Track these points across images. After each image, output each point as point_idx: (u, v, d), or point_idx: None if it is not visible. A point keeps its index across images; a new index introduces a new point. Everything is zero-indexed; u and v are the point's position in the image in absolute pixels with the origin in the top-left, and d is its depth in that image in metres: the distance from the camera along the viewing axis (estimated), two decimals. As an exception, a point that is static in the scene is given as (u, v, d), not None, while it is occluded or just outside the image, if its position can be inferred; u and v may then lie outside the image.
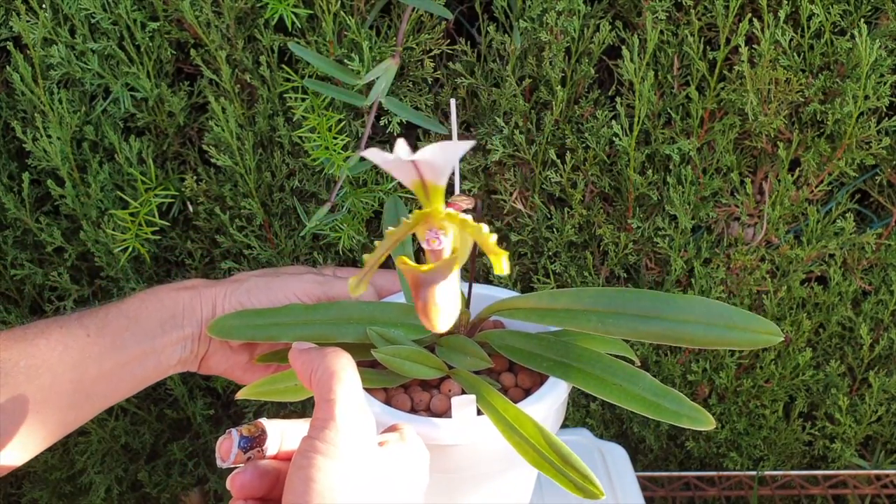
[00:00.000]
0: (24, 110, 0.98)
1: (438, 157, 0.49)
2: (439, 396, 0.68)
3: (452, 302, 0.56)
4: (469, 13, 0.97)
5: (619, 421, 1.11)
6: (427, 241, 0.56)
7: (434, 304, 0.55)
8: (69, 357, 0.68)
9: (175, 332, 0.74)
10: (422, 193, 0.54)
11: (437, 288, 0.55)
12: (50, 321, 0.70)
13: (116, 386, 0.72)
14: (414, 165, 0.51)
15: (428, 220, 0.56)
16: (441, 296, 0.55)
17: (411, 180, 0.53)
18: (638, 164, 0.93)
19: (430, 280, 0.55)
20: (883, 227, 0.98)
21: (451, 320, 0.57)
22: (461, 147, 0.49)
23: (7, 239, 1.03)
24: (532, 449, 0.59)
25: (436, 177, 0.53)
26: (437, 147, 0.48)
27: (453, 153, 0.50)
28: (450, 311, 0.56)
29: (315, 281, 0.79)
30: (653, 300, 0.66)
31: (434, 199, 0.55)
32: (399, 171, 0.52)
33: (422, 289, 0.55)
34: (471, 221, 0.56)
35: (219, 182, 1.00)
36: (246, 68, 0.94)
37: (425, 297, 0.55)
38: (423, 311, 0.56)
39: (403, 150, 0.47)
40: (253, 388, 0.67)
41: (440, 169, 0.51)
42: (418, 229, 0.58)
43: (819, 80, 0.88)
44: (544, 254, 0.99)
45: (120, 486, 1.14)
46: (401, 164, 0.50)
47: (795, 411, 1.07)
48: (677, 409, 0.62)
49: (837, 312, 1.01)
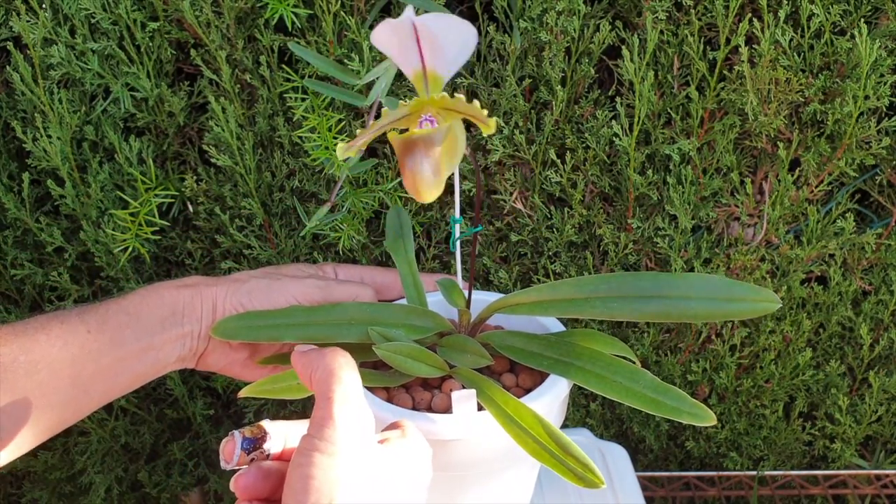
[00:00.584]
0: (24, 110, 0.98)
1: (438, 22, 0.51)
2: (440, 395, 0.68)
3: (439, 171, 0.57)
4: (469, 13, 0.98)
5: (619, 421, 1.11)
6: (420, 125, 0.58)
7: (421, 165, 0.56)
8: (68, 353, 0.68)
9: (175, 329, 0.74)
10: (422, 85, 0.56)
11: (428, 152, 0.56)
12: (50, 316, 0.71)
13: (115, 382, 0.72)
14: (416, 40, 0.52)
15: (423, 109, 0.58)
16: (429, 162, 0.56)
17: (413, 68, 0.55)
18: (638, 164, 0.93)
19: (422, 141, 0.56)
20: (883, 227, 0.98)
21: (437, 190, 0.57)
22: (458, 21, 0.51)
23: (7, 239, 1.03)
24: (532, 440, 0.59)
25: (435, 57, 0.54)
26: (437, 14, 0.50)
27: (452, 23, 0.51)
28: (436, 178, 0.57)
29: (316, 286, 0.79)
30: (653, 281, 0.67)
31: (432, 90, 0.56)
32: (402, 53, 0.54)
33: (411, 152, 0.56)
34: (463, 98, 0.57)
35: (219, 182, 1.00)
36: (246, 68, 0.94)
37: (413, 160, 0.56)
38: (409, 179, 0.56)
39: (409, 11, 0.50)
40: (254, 387, 0.67)
41: (439, 40, 0.52)
42: (412, 120, 0.59)
43: (819, 80, 0.88)
44: (544, 254, 0.99)
45: (120, 486, 1.14)
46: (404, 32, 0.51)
47: (795, 411, 1.07)
48: (678, 405, 0.62)
49: (837, 312, 1.01)
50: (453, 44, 0.53)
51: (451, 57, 0.54)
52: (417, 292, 0.78)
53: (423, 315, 0.75)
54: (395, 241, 0.81)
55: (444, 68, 0.55)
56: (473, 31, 0.51)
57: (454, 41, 0.53)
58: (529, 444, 0.59)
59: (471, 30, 0.51)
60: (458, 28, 0.52)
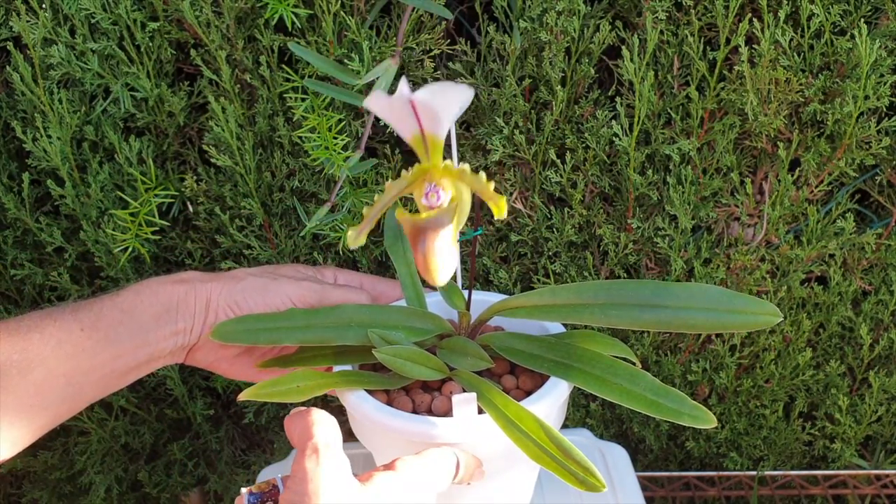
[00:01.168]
0: (24, 110, 0.98)
1: (436, 97, 0.50)
2: (440, 398, 0.68)
3: (451, 252, 0.57)
4: (469, 13, 0.97)
5: (620, 421, 1.11)
6: (426, 197, 0.57)
7: (433, 252, 0.55)
8: (62, 351, 0.68)
9: (169, 326, 0.74)
10: (421, 149, 0.55)
11: (437, 236, 0.55)
12: (44, 314, 0.70)
13: (109, 378, 0.72)
14: (413, 111, 0.52)
15: (427, 175, 0.57)
16: (440, 244, 0.55)
17: (411, 133, 0.54)
18: (638, 164, 0.93)
19: (430, 227, 0.55)
20: (883, 227, 0.98)
21: (450, 271, 0.57)
22: (456, 89, 0.50)
23: (7, 239, 1.03)
24: (532, 443, 0.59)
25: (434, 125, 0.53)
26: (433, 87, 0.49)
27: (450, 94, 0.51)
28: (449, 261, 0.56)
29: (312, 288, 0.79)
30: (653, 290, 0.67)
31: (433, 155, 0.56)
32: (399, 120, 0.53)
33: (421, 237, 0.55)
34: (468, 170, 0.57)
35: (219, 182, 1.00)
36: (246, 68, 0.94)
37: (424, 246, 0.55)
38: (422, 262, 0.56)
39: (405, 87, 0.49)
40: (255, 389, 0.67)
41: (438, 112, 0.52)
42: (416, 187, 0.58)
43: (819, 80, 0.88)
44: (544, 254, 0.99)
45: (120, 486, 1.14)
46: (401, 105, 0.51)
47: (795, 411, 1.07)
48: (678, 407, 0.62)
49: (837, 312, 1.01)
50: (452, 110, 0.52)
51: (449, 121, 0.53)
52: (417, 294, 0.78)
53: (423, 317, 0.75)
54: (395, 242, 0.81)
55: (443, 132, 0.54)
56: (470, 94, 0.50)
57: (452, 108, 0.52)
58: (530, 447, 0.59)
59: (467, 93, 0.50)
60: (456, 96, 0.51)
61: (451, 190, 0.57)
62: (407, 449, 0.67)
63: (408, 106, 0.52)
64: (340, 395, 0.69)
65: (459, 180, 0.58)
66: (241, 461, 1.19)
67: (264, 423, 1.15)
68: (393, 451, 0.69)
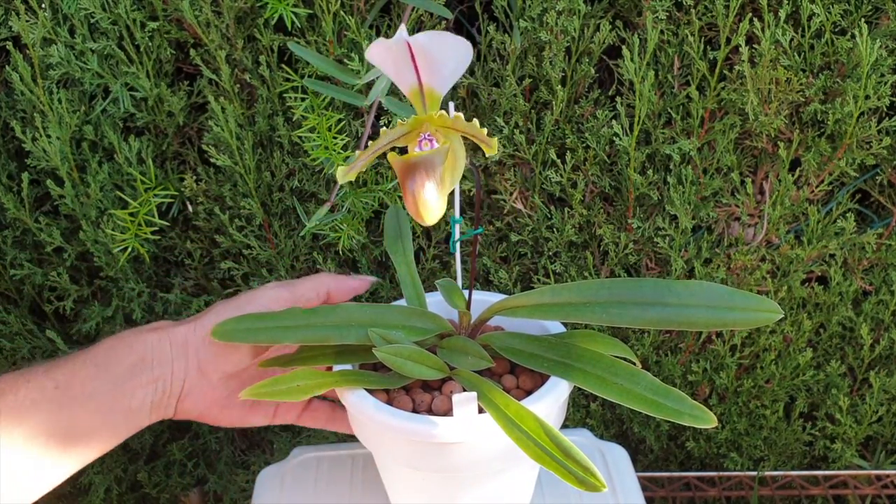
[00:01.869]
0: (24, 110, 0.98)
1: (433, 41, 0.51)
2: (441, 398, 0.68)
3: (441, 193, 0.57)
4: (469, 13, 0.97)
5: (620, 421, 1.11)
6: (419, 145, 0.58)
7: (422, 188, 0.56)
8: (39, 412, 0.66)
9: (144, 374, 0.71)
10: (419, 102, 0.56)
11: (428, 175, 0.56)
12: (17, 375, 0.68)
13: (90, 438, 0.70)
14: (411, 59, 0.52)
15: (422, 126, 0.58)
16: (431, 184, 0.56)
17: (410, 85, 0.55)
18: (638, 163, 0.93)
19: (421, 164, 0.56)
20: (883, 226, 0.98)
21: (439, 212, 0.57)
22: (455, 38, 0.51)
23: (6, 239, 1.03)
24: (533, 443, 0.59)
25: (431, 74, 0.54)
26: (431, 33, 0.50)
27: (448, 41, 0.51)
28: (438, 201, 0.57)
29: (280, 285, 0.77)
30: (654, 288, 0.66)
31: (430, 107, 0.57)
32: (398, 70, 0.54)
33: (411, 176, 0.56)
34: (462, 117, 0.57)
35: (218, 182, 1.00)
36: (245, 68, 0.94)
37: (414, 183, 0.56)
38: (411, 201, 0.56)
39: (403, 32, 0.50)
40: (255, 388, 0.67)
41: (435, 59, 0.52)
42: (411, 138, 0.59)
43: (819, 79, 0.88)
44: (544, 254, 0.99)
45: (119, 487, 1.14)
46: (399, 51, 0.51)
47: (796, 411, 1.07)
48: (678, 407, 0.62)
49: (838, 312, 1.01)
50: (449, 60, 0.53)
51: (447, 73, 0.54)
52: (417, 293, 0.78)
53: (423, 316, 0.75)
54: (394, 241, 0.81)
55: (440, 85, 0.55)
56: (469, 47, 0.51)
57: (450, 58, 0.53)
58: (530, 447, 0.59)
59: (466, 46, 0.51)
60: (454, 45, 0.51)
61: (444, 141, 0.58)
62: (407, 448, 0.67)
63: (406, 52, 0.52)
64: (341, 395, 0.69)
65: (454, 128, 0.58)
66: (241, 461, 1.18)
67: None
68: (393, 451, 0.69)
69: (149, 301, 1.06)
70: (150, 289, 1.06)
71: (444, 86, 0.55)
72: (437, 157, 0.56)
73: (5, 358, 1.06)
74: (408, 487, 0.73)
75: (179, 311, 1.06)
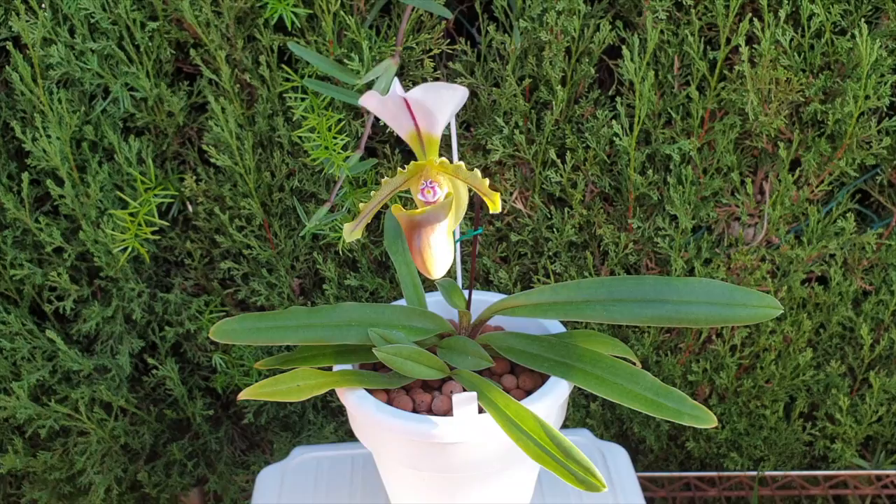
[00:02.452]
0: (24, 110, 0.98)
1: (429, 95, 0.51)
2: (441, 398, 0.68)
3: (447, 246, 0.58)
4: (469, 13, 0.97)
5: (620, 421, 1.11)
6: (422, 193, 0.58)
7: (429, 245, 0.57)
8: None
9: None
10: (418, 146, 0.57)
11: (433, 231, 0.57)
12: None
13: None
14: (408, 110, 0.53)
15: (423, 172, 0.58)
16: (436, 238, 0.57)
17: (407, 131, 0.55)
18: (638, 164, 0.93)
19: (426, 222, 0.57)
20: (883, 226, 0.98)
21: (446, 265, 0.58)
22: (449, 88, 0.51)
23: (6, 239, 1.03)
24: (533, 443, 0.59)
25: (429, 124, 0.54)
26: (427, 86, 0.50)
27: (444, 93, 0.51)
28: (445, 254, 0.58)
29: None
30: (654, 285, 0.67)
31: (430, 152, 0.57)
32: (395, 119, 0.54)
33: (417, 232, 0.57)
34: (464, 167, 0.58)
35: (218, 182, 1.00)
36: (245, 68, 0.94)
37: (420, 241, 0.57)
38: (418, 257, 0.57)
39: (398, 87, 0.51)
40: (255, 388, 0.67)
41: (432, 111, 0.53)
42: (412, 183, 0.59)
43: (819, 79, 0.88)
44: (544, 254, 0.99)
45: (119, 487, 1.14)
46: (395, 105, 0.52)
47: (796, 411, 1.07)
48: (678, 407, 0.62)
49: (838, 312, 1.01)
50: (446, 108, 0.53)
51: (444, 120, 0.54)
52: (417, 293, 0.78)
53: (424, 316, 0.75)
54: (394, 241, 0.81)
55: (438, 130, 0.55)
56: (464, 92, 0.51)
57: (446, 104, 0.53)
58: (531, 447, 0.59)
59: (462, 93, 0.51)
60: (449, 94, 0.51)
61: (447, 186, 0.58)
62: (407, 448, 0.67)
63: (402, 105, 0.52)
64: (341, 395, 0.69)
65: (455, 176, 0.58)
66: (241, 461, 1.19)
67: (264, 424, 1.14)
68: (393, 451, 0.69)
69: (149, 301, 1.06)
70: (151, 289, 1.06)
71: (441, 129, 0.56)
72: (441, 211, 0.57)
73: (5, 358, 1.06)
74: (408, 487, 0.73)
75: (179, 312, 1.06)
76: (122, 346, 1.07)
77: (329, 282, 1.03)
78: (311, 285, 1.07)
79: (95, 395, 1.07)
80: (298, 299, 1.07)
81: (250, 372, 1.06)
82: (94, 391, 1.07)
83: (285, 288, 1.05)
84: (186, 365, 1.13)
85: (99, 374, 1.08)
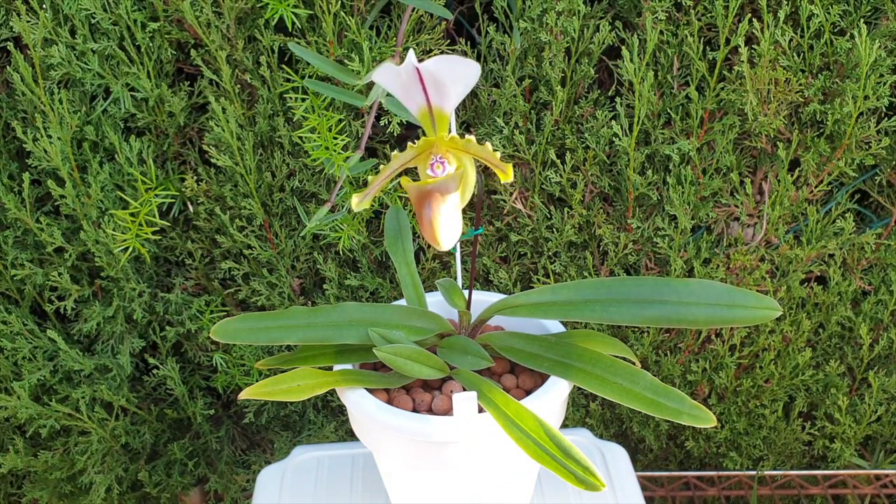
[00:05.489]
0: (25, 110, 0.98)
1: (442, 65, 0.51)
2: (441, 397, 0.68)
3: (456, 217, 0.57)
4: (469, 13, 0.98)
5: (619, 421, 1.11)
6: (431, 168, 0.58)
7: (439, 214, 0.56)
8: None
9: None
10: (428, 122, 0.56)
11: (443, 201, 0.56)
12: None
13: None
14: (420, 82, 0.53)
15: (432, 148, 0.58)
16: (446, 208, 0.57)
17: (419, 106, 0.55)
18: (638, 164, 0.93)
19: (436, 190, 0.56)
20: (882, 227, 0.98)
21: (455, 236, 0.58)
22: (462, 61, 0.51)
23: (7, 239, 1.03)
24: (533, 442, 0.59)
25: (441, 97, 0.54)
26: (440, 57, 0.51)
27: (457, 65, 0.52)
28: (453, 225, 0.57)
29: None
30: (653, 286, 0.67)
31: (440, 128, 0.57)
32: (407, 93, 0.54)
33: (426, 201, 0.57)
34: (475, 141, 0.58)
35: (219, 182, 1.00)
36: (246, 68, 0.94)
37: (430, 210, 0.56)
38: (427, 227, 0.57)
39: (412, 57, 0.51)
40: (256, 388, 0.67)
41: (444, 83, 0.53)
42: (421, 160, 0.59)
43: (819, 80, 0.88)
44: (544, 254, 0.99)
45: (120, 486, 1.14)
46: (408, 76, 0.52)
47: (795, 411, 1.07)
48: (678, 406, 0.62)
49: (837, 312, 1.01)
50: (458, 82, 0.53)
51: (456, 95, 0.54)
52: (417, 293, 0.78)
53: (424, 316, 0.75)
54: (395, 241, 0.81)
55: (450, 106, 0.55)
56: (476, 68, 0.52)
57: (459, 80, 0.53)
58: (530, 446, 0.59)
59: (474, 68, 0.51)
60: (463, 68, 0.52)
61: (455, 162, 0.58)
62: (408, 448, 0.67)
63: (415, 76, 0.52)
64: (341, 394, 0.69)
65: (466, 151, 0.58)
66: (241, 461, 1.19)
67: (264, 423, 1.15)
68: (394, 450, 0.69)
69: (150, 301, 1.06)
70: (151, 289, 1.07)
71: (452, 106, 0.56)
72: (451, 182, 0.57)
73: (6, 358, 1.06)
74: (408, 487, 0.73)
75: (180, 311, 1.06)
76: (123, 345, 1.07)
77: (329, 282, 1.03)
78: (311, 285, 1.07)
79: (96, 395, 1.07)
80: (299, 299, 1.07)
81: (251, 372, 1.06)
82: (94, 391, 1.07)
83: (286, 288, 1.05)
84: (187, 365, 1.13)
85: (100, 373, 1.09)
